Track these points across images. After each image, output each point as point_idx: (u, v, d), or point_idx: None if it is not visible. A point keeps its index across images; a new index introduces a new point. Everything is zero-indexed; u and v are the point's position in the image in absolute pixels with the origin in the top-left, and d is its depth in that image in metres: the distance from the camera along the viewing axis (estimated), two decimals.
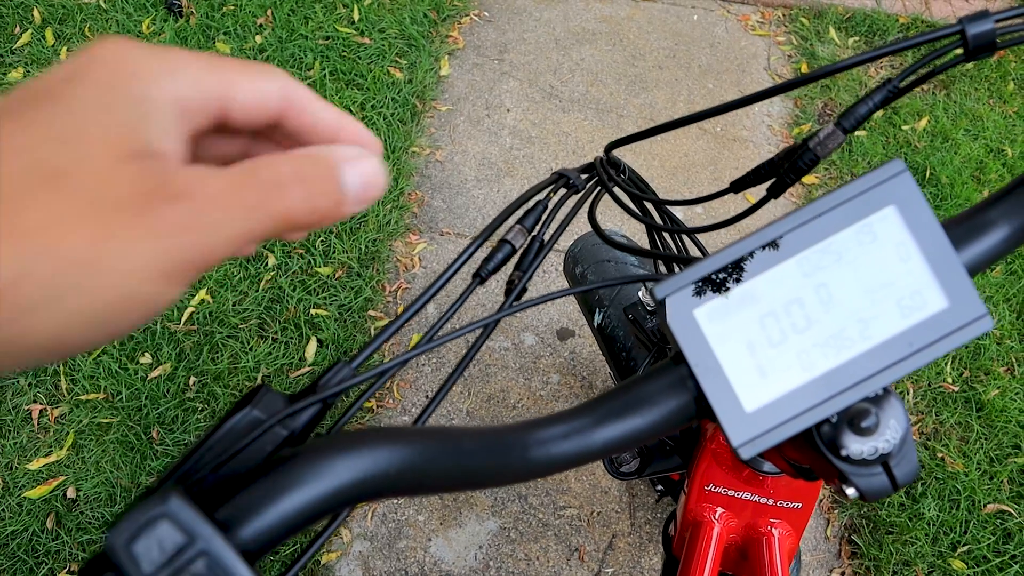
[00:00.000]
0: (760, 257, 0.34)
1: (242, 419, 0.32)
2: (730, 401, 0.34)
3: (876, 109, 0.41)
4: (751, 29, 2.79)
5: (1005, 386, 1.86)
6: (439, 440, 0.32)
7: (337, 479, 0.28)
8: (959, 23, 0.38)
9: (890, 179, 0.34)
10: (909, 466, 0.37)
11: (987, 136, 2.43)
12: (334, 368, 0.35)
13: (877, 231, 0.34)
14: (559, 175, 0.53)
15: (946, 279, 0.34)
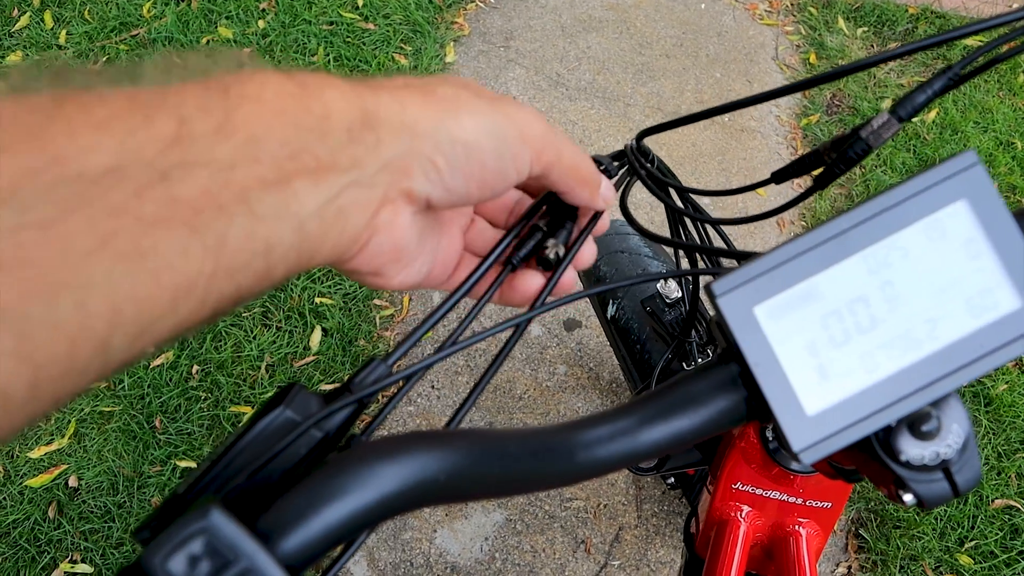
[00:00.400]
0: (823, 253, 0.32)
1: (275, 420, 0.30)
2: (791, 404, 0.32)
3: (935, 97, 0.39)
4: (759, 18, 2.76)
5: (1013, 381, 1.85)
6: (486, 444, 0.30)
7: (385, 487, 0.26)
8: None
9: (962, 172, 0.32)
10: (972, 472, 0.35)
11: (997, 129, 2.41)
12: (369, 366, 0.33)
13: (947, 227, 0.32)
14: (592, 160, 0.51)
15: (1019, 277, 0.32)
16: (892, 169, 2.28)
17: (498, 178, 0.34)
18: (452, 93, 0.33)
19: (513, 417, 1.74)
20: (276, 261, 0.28)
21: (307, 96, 0.28)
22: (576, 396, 1.78)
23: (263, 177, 0.26)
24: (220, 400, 1.70)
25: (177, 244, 0.24)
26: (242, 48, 2.34)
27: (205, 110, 0.26)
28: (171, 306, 0.24)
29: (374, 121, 0.30)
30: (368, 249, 0.32)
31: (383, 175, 0.30)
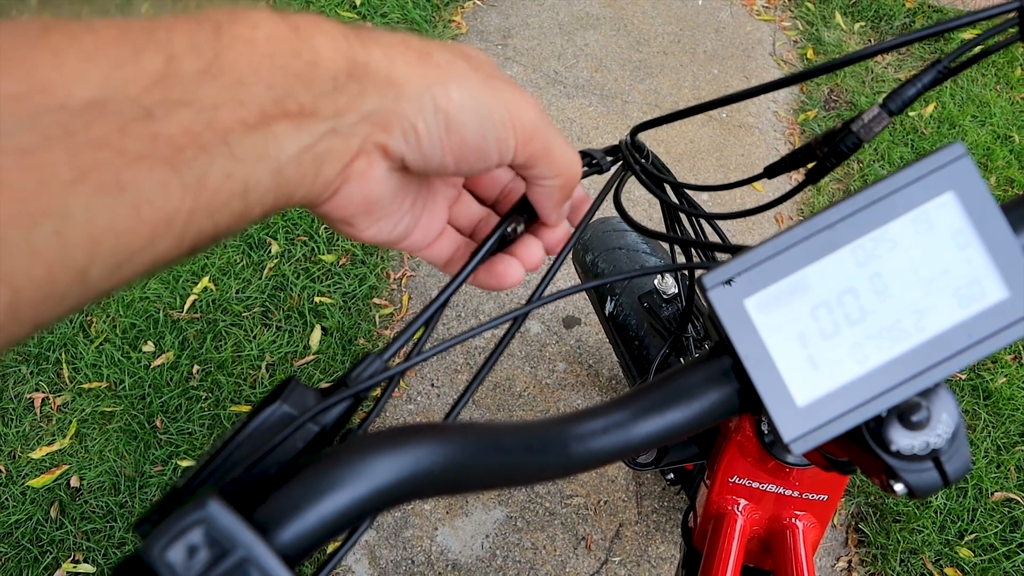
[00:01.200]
0: (812, 245, 0.32)
1: (272, 414, 0.31)
2: (781, 395, 0.32)
3: (924, 91, 0.39)
4: (756, 14, 2.76)
5: (1012, 374, 1.86)
6: (480, 437, 0.30)
7: (380, 478, 0.26)
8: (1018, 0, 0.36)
9: (949, 164, 0.32)
10: (961, 461, 0.35)
11: (994, 122, 2.41)
12: (365, 361, 0.34)
13: (935, 218, 0.32)
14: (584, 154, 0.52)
15: (1007, 268, 0.32)
16: (890, 163, 2.28)
17: (478, 156, 0.34)
18: (447, 60, 0.33)
19: (513, 414, 1.75)
20: (254, 202, 0.28)
21: (298, 40, 0.29)
22: (575, 393, 1.78)
23: (245, 120, 0.27)
24: (221, 400, 1.70)
25: (157, 180, 0.24)
26: None
27: (195, 48, 0.26)
28: (149, 240, 0.25)
29: (361, 73, 0.30)
30: (339, 196, 0.33)
31: (362, 126, 0.31)
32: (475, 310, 1.90)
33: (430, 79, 0.32)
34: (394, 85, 0.31)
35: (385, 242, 0.39)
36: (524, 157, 0.36)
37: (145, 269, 0.26)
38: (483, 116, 0.33)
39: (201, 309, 1.82)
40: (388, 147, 0.32)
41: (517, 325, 0.39)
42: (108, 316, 1.81)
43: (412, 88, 0.31)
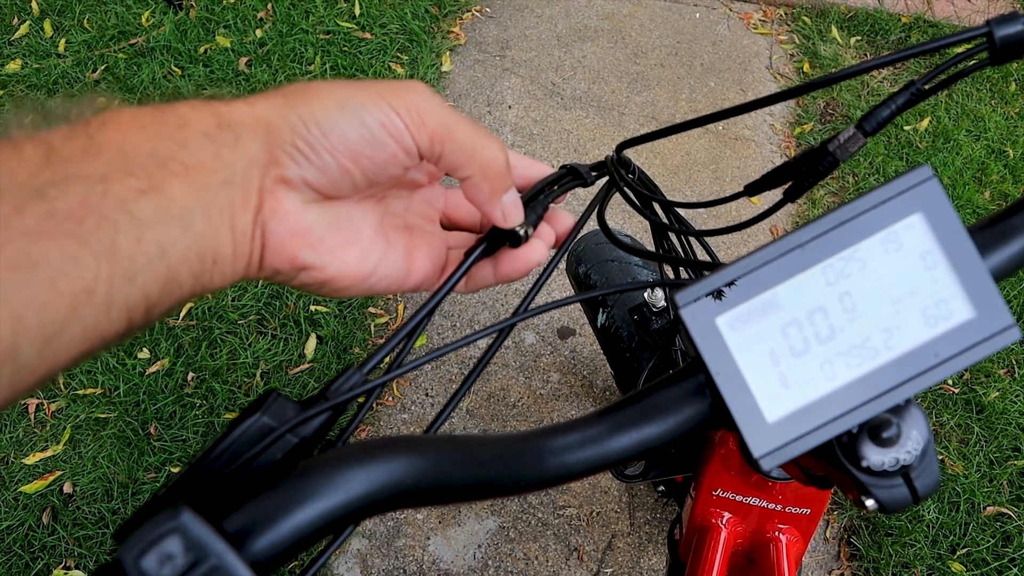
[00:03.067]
0: (783, 264, 0.33)
1: (252, 425, 0.31)
2: (751, 411, 0.33)
3: (899, 112, 0.40)
4: (753, 27, 2.78)
5: (1005, 388, 1.86)
6: (454, 450, 0.31)
7: (352, 491, 0.27)
8: (986, 25, 0.37)
9: (917, 185, 0.33)
10: (930, 477, 0.36)
11: (989, 137, 2.43)
12: (345, 374, 0.34)
13: (903, 239, 0.33)
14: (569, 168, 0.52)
15: (973, 288, 0.33)
16: (885, 177, 2.29)
17: (372, 150, 0.35)
18: (302, 87, 0.35)
19: (507, 425, 1.75)
20: (176, 265, 0.29)
21: (162, 112, 0.31)
22: (570, 404, 1.79)
23: (137, 187, 0.28)
24: (215, 407, 1.70)
25: (66, 252, 0.26)
26: (239, 57, 2.35)
27: (70, 137, 0.28)
28: (72, 311, 0.26)
29: (229, 122, 0.32)
30: (270, 244, 0.34)
31: (252, 170, 0.32)
32: (470, 320, 1.91)
33: (291, 102, 0.34)
34: (262, 121, 0.33)
35: (362, 276, 0.39)
36: (427, 140, 0.36)
37: (80, 346, 0.27)
38: (355, 111, 0.34)
39: (197, 316, 1.83)
40: (285, 176, 0.34)
41: (503, 337, 0.40)
42: None
43: (278, 116, 0.33)
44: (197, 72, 2.31)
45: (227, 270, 0.32)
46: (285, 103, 0.33)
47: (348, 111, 0.34)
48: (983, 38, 0.38)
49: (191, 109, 0.32)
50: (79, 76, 2.29)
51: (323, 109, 0.34)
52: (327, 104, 0.34)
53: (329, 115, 0.34)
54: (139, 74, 2.29)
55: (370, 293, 0.40)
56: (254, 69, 2.33)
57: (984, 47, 0.38)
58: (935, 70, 0.39)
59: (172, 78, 2.30)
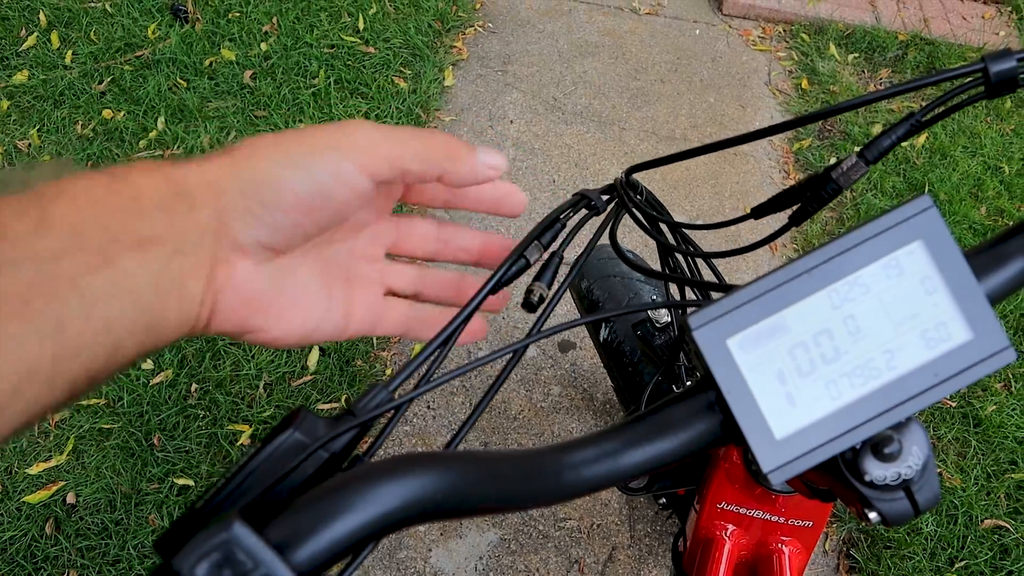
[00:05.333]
0: (791, 289, 0.35)
1: (285, 441, 0.33)
2: (761, 428, 0.34)
3: (899, 142, 0.42)
4: (752, 44, 2.81)
5: (1002, 402, 1.88)
6: (480, 464, 0.33)
7: (386, 503, 0.29)
8: (982, 61, 0.39)
9: (918, 214, 0.35)
10: (931, 491, 0.37)
11: (984, 153, 2.46)
12: (371, 392, 0.36)
13: (904, 265, 0.35)
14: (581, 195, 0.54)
15: (970, 312, 0.35)
16: (883, 193, 2.32)
17: (329, 200, 0.35)
18: (249, 144, 0.34)
19: (508, 437, 1.76)
20: (122, 337, 0.29)
21: (115, 182, 0.30)
22: (570, 417, 1.80)
23: (89, 263, 0.28)
24: (218, 418, 1.71)
25: (10, 334, 0.25)
26: (244, 70, 2.38)
27: (20, 213, 0.27)
28: (14, 391, 0.26)
29: (183, 189, 0.32)
30: (220, 310, 0.34)
31: (206, 238, 0.32)
32: None
33: (237, 162, 0.34)
34: (213, 186, 0.33)
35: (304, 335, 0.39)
36: (387, 168, 0.36)
37: (19, 419, 0.27)
38: (305, 166, 0.34)
39: None
40: (239, 242, 0.34)
41: (516, 358, 0.42)
42: None
43: (229, 179, 0.33)
44: (202, 85, 2.33)
45: (172, 335, 0.32)
46: (234, 166, 0.33)
47: (298, 166, 0.34)
48: (979, 73, 0.39)
49: (145, 177, 0.31)
50: (85, 87, 2.31)
51: (273, 167, 0.34)
52: (276, 162, 0.34)
53: (279, 173, 0.34)
54: (145, 86, 2.31)
55: (308, 344, 0.40)
56: (258, 82, 2.36)
57: (980, 82, 0.40)
58: (933, 103, 0.41)
59: (177, 90, 2.32)
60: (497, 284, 0.42)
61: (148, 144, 2.18)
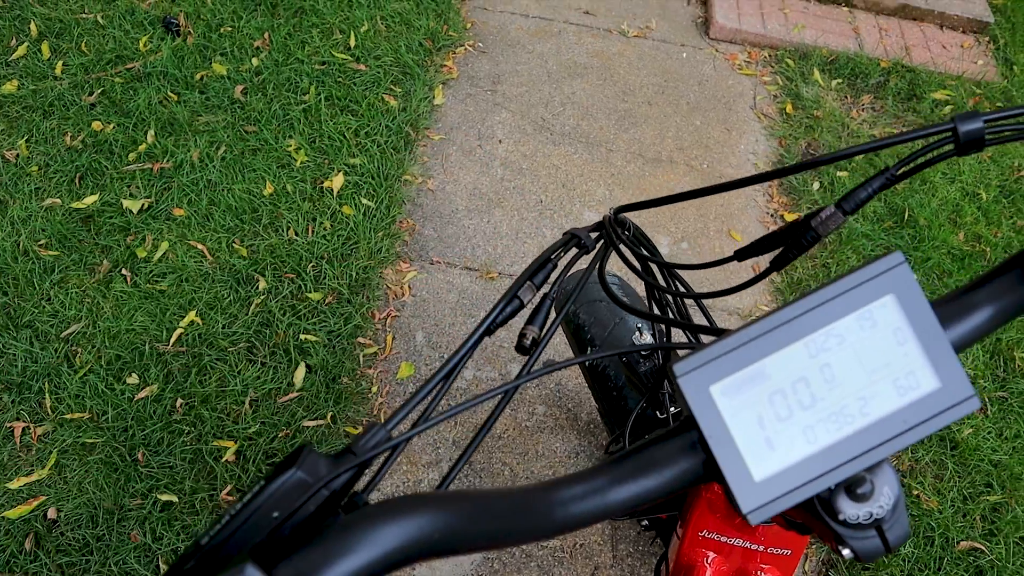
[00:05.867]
0: (771, 338, 0.37)
1: (289, 479, 0.34)
2: (741, 471, 0.36)
3: (875, 194, 0.44)
4: (738, 68, 2.86)
5: (978, 425, 1.91)
6: (474, 504, 0.34)
7: (386, 545, 0.30)
8: (952, 121, 0.41)
9: (890, 270, 0.37)
10: (901, 530, 0.39)
11: (963, 180, 2.51)
12: (371, 431, 0.37)
13: (877, 317, 0.37)
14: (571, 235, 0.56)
15: (939, 362, 0.37)
16: (864, 218, 2.36)
17: None
18: None
19: (492, 457, 1.77)
20: None
21: None
22: (555, 436, 1.82)
23: None
24: (203, 434, 1.71)
25: None
26: (235, 85, 2.39)
27: None
28: None
29: None
30: None
31: None
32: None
33: None
34: None
35: None
36: None
37: None
38: None
39: (187, 343, 1.84)
40: None
41: (507, 399, 0.43)
42: (94, 347, 1.82)
43: None
44: (193, 98, 2.34)
45: None
46: None
47: None
48: (949, 132, 0.42)
49: None
50: (75, 99, 2.31)
51: None
52: None
53: None
54: (135, 99, 2.32)
55: None
56: (249, 97, 2.37)
57: (950, 140, 0.42)
58: (907, 159, 0.44)
59: (168, 103, 2.33)
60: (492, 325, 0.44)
61: (138, 157, 2.19)
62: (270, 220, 2.09)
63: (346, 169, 2.23)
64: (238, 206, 2.10)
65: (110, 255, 1.99)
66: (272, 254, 2.01)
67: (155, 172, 2.16)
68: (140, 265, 1.97)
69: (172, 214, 2.07)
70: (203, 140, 2.24)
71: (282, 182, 2.17)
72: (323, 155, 2.26)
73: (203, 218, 2.08)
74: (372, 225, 2.12)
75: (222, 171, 2.17)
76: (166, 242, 2.01)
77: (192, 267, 1.97)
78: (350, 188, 2.20)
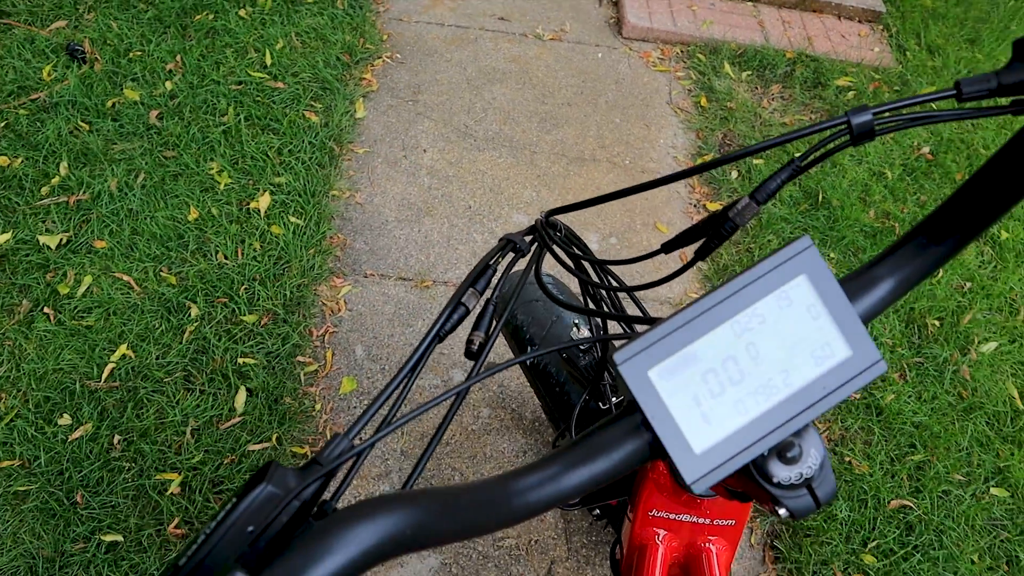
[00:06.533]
0: (699, 323, 0.40)
1: (260, 494, 0.36)
2: (682, 445, 0.40)
3: (784, 184, 0.48)
4: (652, 65, 2.95)
5: (899, 391, 2.03)
6: (440, 500, 0.36)
7: (364, 542, 0.32)
8: (845, 115, 0.46)
9: (800, 253, 0.41)
10: (828, 486, 0.43)
11: (870, 161, 2.65)
12: (333, 442, 0.39)
13: (792, 296, 0.41)
14: (507, 240, 0.59)
15: (848, 333, 0.41)
16: (782, 203, 2.47)
17: None
18: None
19: (441, 462, 1.79)
20: None
21: None
22: (501, 437, 1.84)
23: None
24: (145, 469, 1.67)
25: None
26: (150, 110, 2.33)
27: None
28: None
29: None
30: None
31: None
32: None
33: None
34: None
35: None
36: None
37: None
38: None
39: (120, 377, 1.79)
40: None
41: (460, 400, 0.45)
42: (18, 390, 1.76)
43: None
44: (106, 126, 2.28)
45: None
46: None
47: None
48: (844, 125, 0.46)
49: None
50: None
51: None
52: None
53: None
54: (43, 130, 2.24)
55: None
56: (166, 122, 2.32)
57: (845, 132, 0.47)
58: (809, 151, 0.48)
59: (79, 133, 2.25)
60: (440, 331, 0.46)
61: (51, 191, 2.11)
62: (197, 245, 2.05)
63: (272, 188, 2.21)
64: (163, 234, 2.06)
65: (29, 294, 1.92)
66: (202, 280, 1.98)
67: (71, 205, 2.09)
68: (63, 302, 1.90)
69: (93, 247, 2.01)
70: (120, 169, 2.18)
71: (207, 206, 2.13)
72: (247, 176, 2.23)
73: (127, 248, 2.02)
74: (302, 243, 2.11)
75: (143, 199, 2.12)
76: (89, 276, 1.95)
77: (119, 299, 1.91)
78: (277, 207, 2.18)
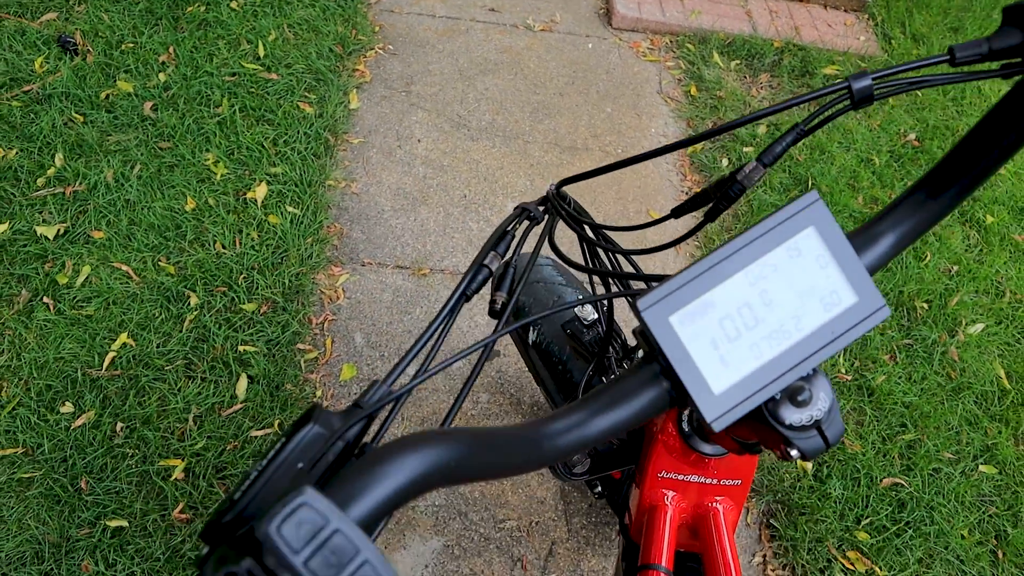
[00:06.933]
0: (716, 272, 0.43)
1: (307, 434, 0.38)
2: (702, 386, 0.42)
3: (788, 147, 0.51)
4: (642, 55, 2.97)
5: (890, 372, 2.07)
6: (480, 439, 0.39)
7: (415, 469, 0.34)
8: (846, 80, 0.48)
9: (809, 206, 0.43)
10: (837, 427, 0.46)
11: (858, 148, 2.69)
12: (373, 388, 0.41)
13: (802, 247, 0.43)
14: (521, 208, 0.61)
15: (854, 280, 0.44)
16: (771, 188, 2.50)
17: None
18: None
19: None
20: None
21: None
22: (500, 422, 1.87)
23: None
24: (148, 455, 1.69)
25: None
26: (144, 101, 2.33)
27: None
28: None
29: None
30: None
31: None
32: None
33: None
34: None
35: None
36: None
37: None
38: None
39: (121, 366, 1.81)
40: None
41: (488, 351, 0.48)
42: (20, 379, 1.77)
43: None
44: (100, 118, 2.28)
45: None
46: None
47: None
48: (844, 90, 0.49)
49: None
50: None
51: None
52: None
53: None
54: (37, 122, 2.24)
55: None
56: (160, 113, 2.32)
57: (846, 96, 0.49)
58: (812, 115, 0.50)
59: (74, 125, 2.26)
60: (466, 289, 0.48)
61: (47, 182, 2.12)
62: (195, 235, 2.07)
63: (268, 179, 2.22)
64: (160, 224, 2.06)
65: (28, 284, 1.92)
66: (201, 269, 1.99)
67: (68, 196, 2.09)
68: (62, 292, 1.91)
69: (91, 237, 2.02)
70: (116, 160, 2.18)
71: (204, 196, 2.14)
72: (243, 166, 2.24)
73: (124, 239, 2.03)
74: (300, 232, 2.12)
75: (140, 190, 2.13)
76: (87, 266, 1.96)
77: (118, 289, 1.92)
78: (274, 197, 2.19)
